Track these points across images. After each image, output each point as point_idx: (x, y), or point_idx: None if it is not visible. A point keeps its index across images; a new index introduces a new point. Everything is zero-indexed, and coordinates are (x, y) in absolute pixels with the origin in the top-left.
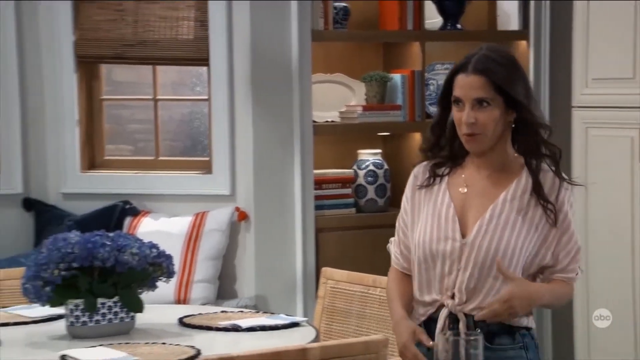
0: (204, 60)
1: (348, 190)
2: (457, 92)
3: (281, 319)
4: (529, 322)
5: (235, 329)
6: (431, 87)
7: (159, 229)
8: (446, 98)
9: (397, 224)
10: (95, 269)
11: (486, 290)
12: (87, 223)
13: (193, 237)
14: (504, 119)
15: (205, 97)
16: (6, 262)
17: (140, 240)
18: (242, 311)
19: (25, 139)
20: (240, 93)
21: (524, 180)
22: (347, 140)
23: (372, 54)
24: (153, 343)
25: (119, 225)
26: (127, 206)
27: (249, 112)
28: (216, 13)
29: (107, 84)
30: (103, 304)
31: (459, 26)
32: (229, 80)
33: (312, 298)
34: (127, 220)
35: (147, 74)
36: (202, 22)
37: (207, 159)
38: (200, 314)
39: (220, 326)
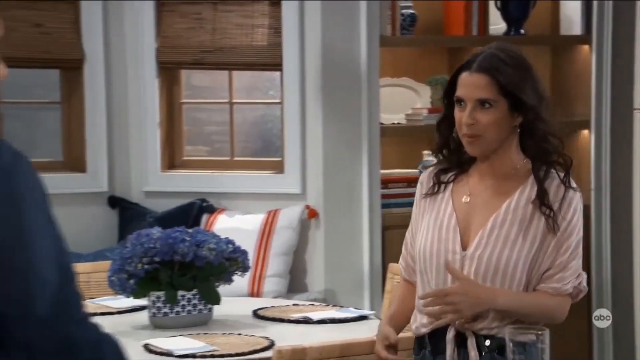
0: (277, 66)
1: (413, 189)
2: (459, 91)
3: (350, 312)
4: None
5: (307, 321)
6: None
7: (233, 226)
8: (451, 96)
9: (406, 234)
10: (176, 263)
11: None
12: (167, 220)
13: (266, 234)
14: (508, 123)
15: (278, 101)
16: (92, 256)
17: (218, 236)
18: (312, 304)
19: (110, 140)
20: (311, 96)
21: (528, 188)
22: (413, 141)
23: (437, 59)
24: (229, 333)
25: (196, 222)
26: (204, 204)
27: (319, 115)
28: (289, 20)
29: (186, 89)
30: (183, 296)
31: (522, 31)
32: (300, 84)
33: (378, 292)
34: (204, 217)
35: (224, 78)
36: (276, 29)
37: (279, 159)
38: (273, 306)
39: (292, 318)
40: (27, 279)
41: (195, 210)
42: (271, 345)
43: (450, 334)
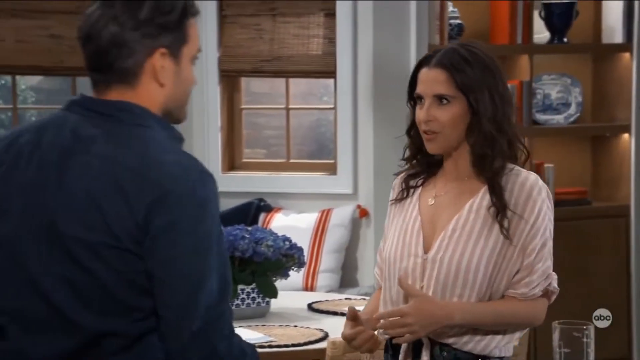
0: (331, 73)
1: None
2: (418, 87)
3: None
4: (503, 351)
5: None
6: (538, 97)
7: (289, 224)
8: (413, 96)
9: (380, 242)
10: (236, 259)
11: None
12: (227, 218)
13: (319, 232)
14: (467, 120)
15: (332, 106)
16: None
17: (275, 233)
18: (364, 298)
19: None
20: (363, 102)
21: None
22: None
23: None
24: (286, 325)
25: (254, 221)
26: (262, 203)
27: (371, 120)
28: (343, 31)
29: (246, 95)
30: (242, 290)
31: (565, 40)
32: (353, 91)
33: None
34: (262, 216)
35: (281, 85)
36: (330, 39)
37: (332, 161)
38: (326, 300)
39: (344, 311)
40: (200, 287)
41: (253, 210)
42: (325, 336)
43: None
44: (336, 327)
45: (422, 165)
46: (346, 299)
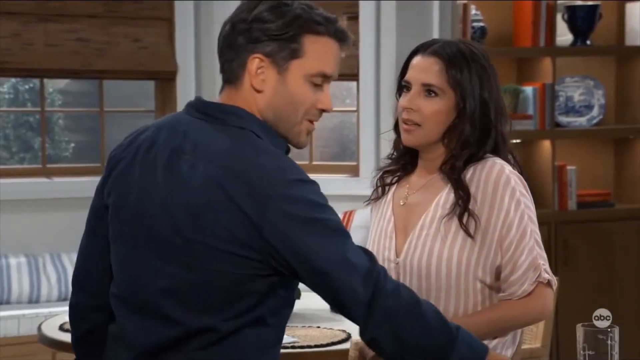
0: (354, 76)
1: None
2: (408, 74)
3: None
4: (507, 353)
5: None
6: (561, 99)
7: None
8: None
9: None
10: None
11: None
12: None
13: None
14: (451, 118)
15: (354, 109)
16: None
17: None
18: None
19: None
20: (386, 105)
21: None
22: None
23: (506, 68)
24: (309, 326)
25: None
26: None
27: (392, 122)
28: (366, 33)
29: None
30: None
31: (588, 42)
32: (375, 94)
33: None
34: None
35: None
36: (353, 42)
37: (354, 163)
38: None
39: None
40: (349, 271)
41: None
42: (348, 337)
43: None
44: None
45: (398, 162)
46: None
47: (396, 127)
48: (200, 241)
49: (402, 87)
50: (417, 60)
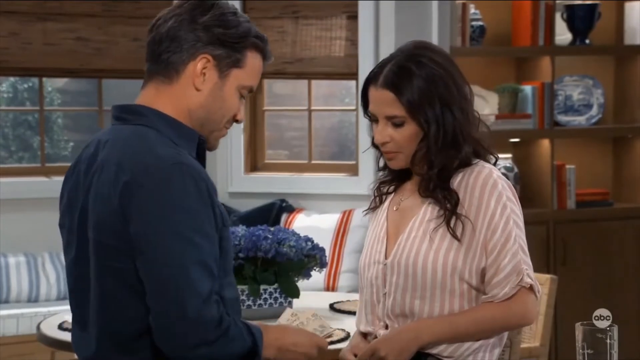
0: (353, 75)
1: None
2: (370, 107)
3: None
4: (488, 356)
5: None
6: (560, 98)
7: (311, 225)
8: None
9: None
10: (259, 259)
11: (416, 315)
12: (250, 218)
13: (341, 232)
14: (422, 134)
15: (353, 108)
16: None
17: (297, 234)
18: None
19: None
20: None
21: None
22: None
23: (505, 67)
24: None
25: (276, 221)
26: (284, 204)
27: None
28: (365, 33)
29: (269, 97)
30: (265, 290)
31: (587, 41)
32: None
33: None
34: (284, 217)
35: (303, 87)
36: (352, 41)
37: (353, 162)
38: (348, 300)
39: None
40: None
41: (275, 210)
42: (347, 336)
43: None
44: None
45: (392, 172)
46: None
47: (373, 143)
48: (101, 241)
49: (367, 112)
50: (372, 93)
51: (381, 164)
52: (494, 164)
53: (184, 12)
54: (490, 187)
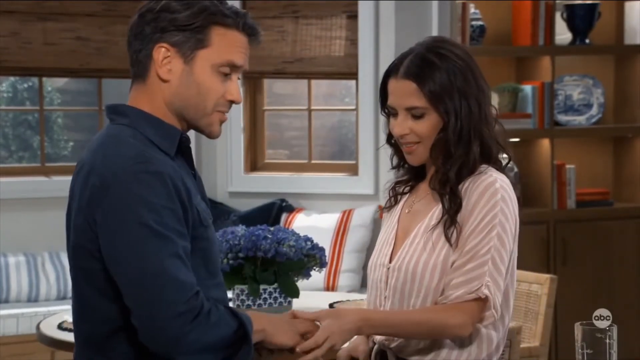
0: (353, 75)
1: None
2: (389, 99)
3: None
4: (473, 355)
5: None
6: (560, 98)
7: (310, 224)
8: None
9: None
10: (258, 259)
11: None
12: (250, 218)
13: (340, 232)
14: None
15: (353, 108)
16: None
17: (297, 234)
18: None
19: (198, 144)
20: None
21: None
22: None
23: (505, 67)
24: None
25: (276, 221)
26: (284, 204)
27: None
28: (365, 32)
29: (269, 96)
30: (265, 289)
31: (587, 41)
32: (374, 92)
33: None
34: (284, 216)
35: (303, 87)
36: (352, 41)
37: (353, 162)
38: (348, 300)
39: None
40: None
41: (275, 210)
42: None
43: (374, 350)
44: None
45: (409, 172)
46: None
47: (389, 140)
48: (78, 243)
49: (385, 106)
50: (392, 84)
51: (394, 162)
52: (507, 164)
53: (143, 6)
54: (488, 195)
